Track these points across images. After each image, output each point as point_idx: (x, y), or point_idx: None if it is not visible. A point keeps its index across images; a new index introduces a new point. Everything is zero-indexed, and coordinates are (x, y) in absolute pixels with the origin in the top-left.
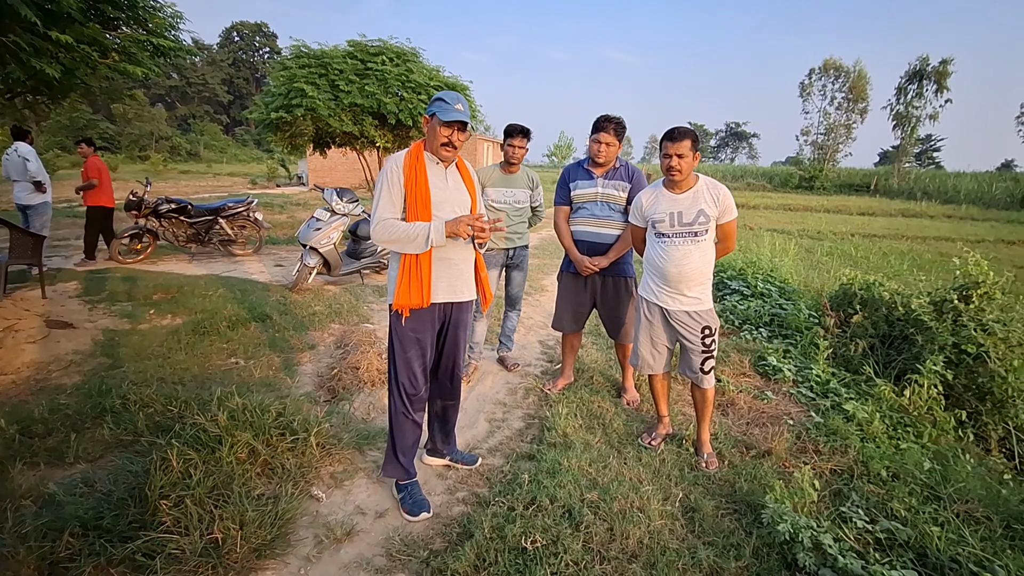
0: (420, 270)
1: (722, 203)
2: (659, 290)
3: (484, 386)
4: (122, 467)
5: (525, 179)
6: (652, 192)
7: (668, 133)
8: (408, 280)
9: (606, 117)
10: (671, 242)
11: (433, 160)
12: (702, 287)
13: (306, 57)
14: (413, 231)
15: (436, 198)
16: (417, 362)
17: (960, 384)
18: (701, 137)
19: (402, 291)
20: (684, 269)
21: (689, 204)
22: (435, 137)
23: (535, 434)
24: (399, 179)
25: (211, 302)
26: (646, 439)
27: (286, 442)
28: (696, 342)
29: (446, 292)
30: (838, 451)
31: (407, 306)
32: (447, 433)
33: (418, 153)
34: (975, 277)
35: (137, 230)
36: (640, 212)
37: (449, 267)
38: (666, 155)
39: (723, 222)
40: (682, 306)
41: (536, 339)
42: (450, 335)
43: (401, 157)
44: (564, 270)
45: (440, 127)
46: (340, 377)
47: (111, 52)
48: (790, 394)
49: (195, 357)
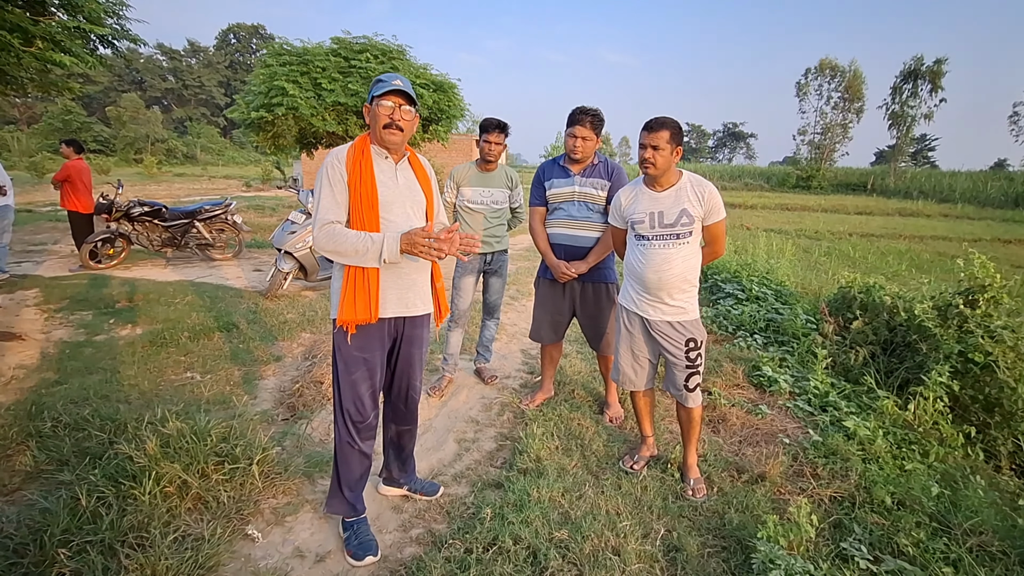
0: (367, 281)
1: (708, 202)
2: (639, 298)
3: (457, 401)
4: (33, 504)
5: (503, 178)
6: (631, 190)
7: (647, 123)
8: (353, 292)
9: (581, 109)
10: (651, 245)
11: (381, 154)
12: (686, 295)
13: (288, 55)
14: (363, 244)
15: (384, 198)
16: (364, 385)
17: (967, 395)
18: (699, 138)
19: (347, 304)
20: (665, 275)
21: (671, 203)
22: (376, 121)
23: (506, 457)
24: (342, 176)
25: (176, 310)
26: (628, 462)
27: (223, 472)
28: (680, 356)
29: (396, 306)
30: (838, 475)
31: (352, 322)
32: (403, 460)
33: (363, 146)
34: (981, 280)
35: (109, 234)
36: (619, 212)
37: (400, 277)
38: (641, 146)
39: (709, 223)
40: (664, 316)
41: (518, 348)
42: (403, 353)
43: (344, 150)
44: (541, 276)
45: (378, 106)
46: (302, 392)
47: (36, 40)
48: (786, 408)
49: (147, 371)
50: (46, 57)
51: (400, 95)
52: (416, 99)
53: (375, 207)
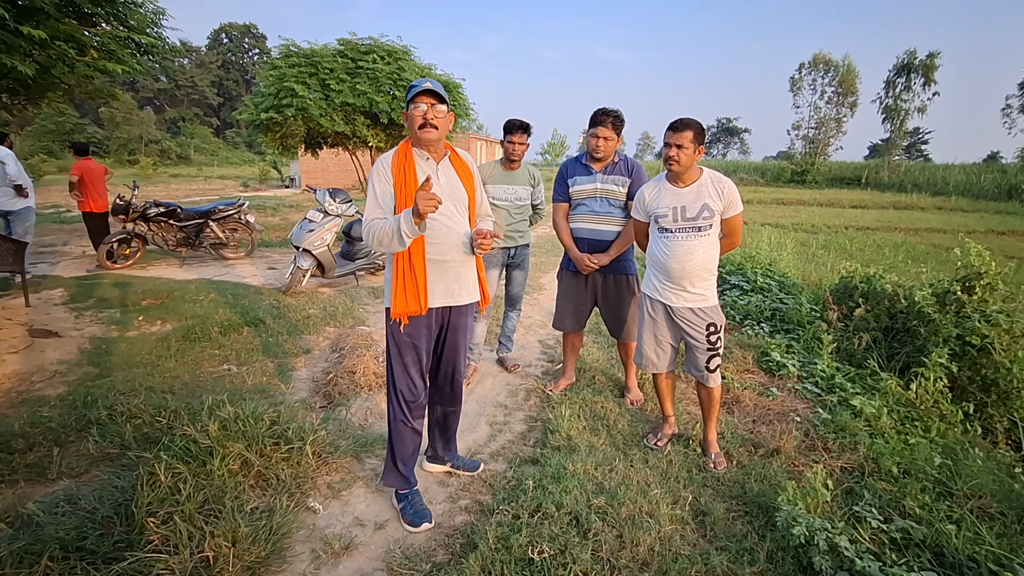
0: (415, 274)
1: (727, 197)
2: (662, 287)
3: (484, 388)
4: (108, 482)
5: (526, 176)
6: (655, 186)
7: (672, 123)
8: (404, 286)
9: (603, 110)
10: (674, 237)
11: (423, 156)
12: (706, 283)
13: (296, 56)
14: (388, 228)
15: None
16: (414, 368)
17: (965, 376)
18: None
19: (398, 298)
20: (687, 265)
21: (693, 198)
22: (412, 123)
23: (538, 437)
24: (387, 179)
25: (202, 307)
26: (652, 440)
27: (280, 452)
28: (701, 340)
29: (443, 296)
30: (847, 448)
31: (404, 313)
32: (448, 439)
33: (406, 150)
34: (977, 268)
35: (125, 235)
36: (643, 206)
37: (445, 270)
38: (666, 145)
39: (728, 216)
40: (686, 303)
41: (536, 339)
42: (449, 340)
43: (389, 155)
44: (564, 268)
45: (413, 109)
46: (336, 382)
47: (89, 49)
48: (795, 390)
49: (185, 364)
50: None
51: (430, 95)
52: (447, 97)
53: None
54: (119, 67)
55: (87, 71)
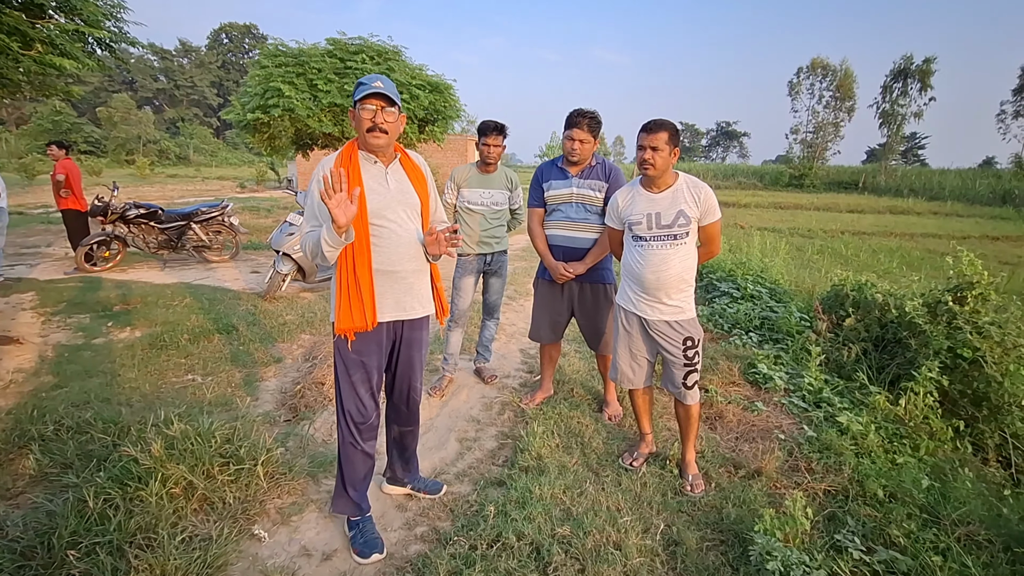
0: (359, 286)
1: (703, 203)
2: (637, 298)
3: (458, 401)
4: (39, 506)
5: (503, 179)
6: (628, 191)
7: (645, 124)
8: (348, 299)
9: (579, 112)
10: (648, 246)
11: (370, 159)
12: (683, 294)
13: (283, 56)
14: (314, 238)
15: (374, 204)
16: (363, 387)
17: (955, 390)
18: (693, 137)
19: (343, 313)
20: (663, 275)
21: (668, 204)
22: (360, 125)
23: (508, 455)
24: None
25: (174, 313)
26: (627, 459)
27: (229, 473)
28: (677, 355)
29: (394, 309)
30: (832, 469)
31: (350, 329)
32: (407, 460)
33: (351, 152)
34: (969, 277)
35: (104, 236)
36: (616, 213)
37: (395, 281)
38: (640, 147)
39: (705, 224)
40: (662, 315)
41: (517, 347)
42: (402, 356)
43: (332, 158)
44: (540, 277)
45: (361, 110)
46: (303, 394)
47: (36, 43)
48: (781, 404)
49: (148, 374)
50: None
51: (381, 98)
52: (398, 99)
53: (363, 215)
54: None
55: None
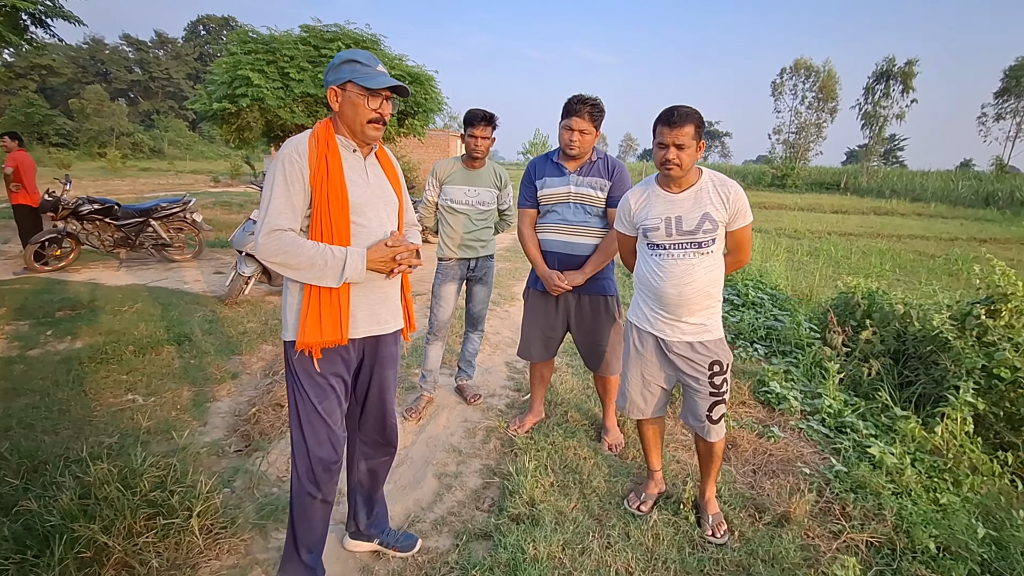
0: (335, 296)
1: (733, 204)
2: (653, 315)
3: (436, 426)
4: None
5: (491, 176)
6: (642, 191)
7: (666, 115)
8: (318, 309)
9: (579, 98)
10: (668, 255)
11: (349, 147)
12: (709, 311)
13: (253, 42)
14: (320, 258)
15: (356, 199)
16: (334, 417)
17: (991, 413)
18: None
19: (310, 325)
20: (686, 290)
21: (690, 206)
22: (357, 112)
23: (494, 497)
24: (302, 173)
25: (123, 320)
26: (634, 502)
27: (156, 529)
28: (703, 382)
29: (368, 323)
30: (871, 514)
31: (318, 344)
32: (372, 505)
33: (327, 137)
34: (1003, 288)
35: (55, 234)
36: (628, 217)
37: (371, 290)
38: (661, 144)
39: (734, 229)
40: (683, 336)
41: (503, 360)
42: (376, 377)
43: (303, 142)
44: (530, 287)
45: (367, 98)
46: (258, 418)
47: None
48: (799, 429)
49: (82, 394)
50: None
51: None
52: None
53: (345, 210)
54: None
55: None
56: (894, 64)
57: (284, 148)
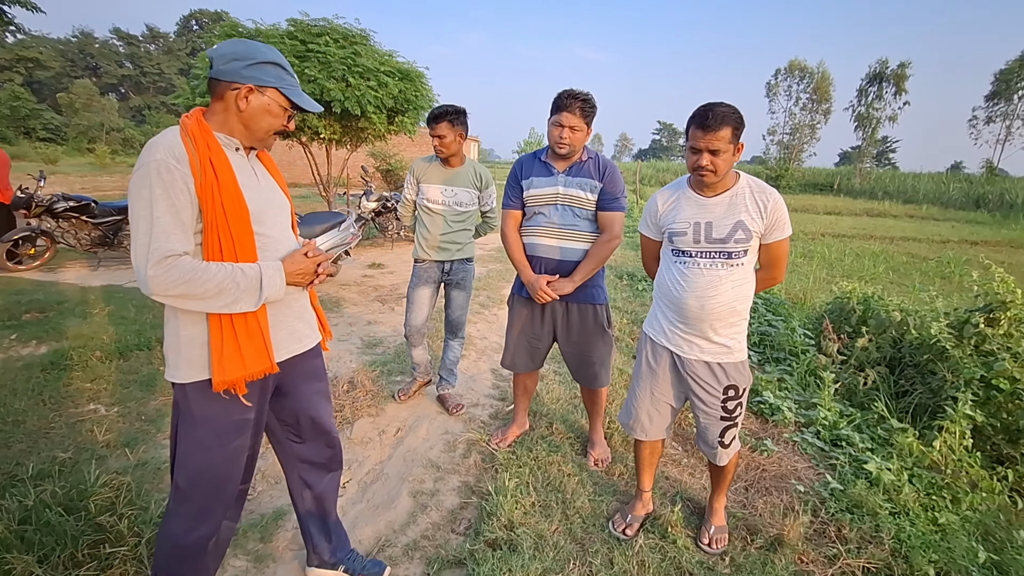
0: (253, 318)
1: (771, 214)
2: (672, 329)
3: (416, 438)
4: None
5: (471, 176)
6: (672, 193)
7: (699, 117)
8: (235, 338)
9: (570, 92)
10: (694, 264)
11: (231, 145)
12: (734, 329)
13: (238, 36)
14: (232, 281)
15: (254, 207)
16: (247, 453)
17: (988, 425)
18: (670, 136)
19: (228, 359)
20: (710, 303)
21: (723, 212)
22: (271, 122)
23: (471, 519)
24: (185, 182)
25: (91, 324)
26: (619, 524)
27: (100, 559)
28: (714, 406)
29: (289, 342)
30: (868, 537)
31: (243, 379)
32: (330, 528)
33: (205, 134)
34: (1002, 296)
35: (29, 231)
36: (654, 218)
37: (287, 305)
38: (694, 149)
39: (770, 241)
40: (702, 354)
41: (488, 367)
42: (304, 393)
43: (176, 142)
44: (515, 293)
45: (285, 107)
46: None
47: None
48: (793, 442)
49: (41, 404)
50: None
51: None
52: None
53: (247, 220)
54: None
55: None
56: (887, 66)
57: (152, 153)
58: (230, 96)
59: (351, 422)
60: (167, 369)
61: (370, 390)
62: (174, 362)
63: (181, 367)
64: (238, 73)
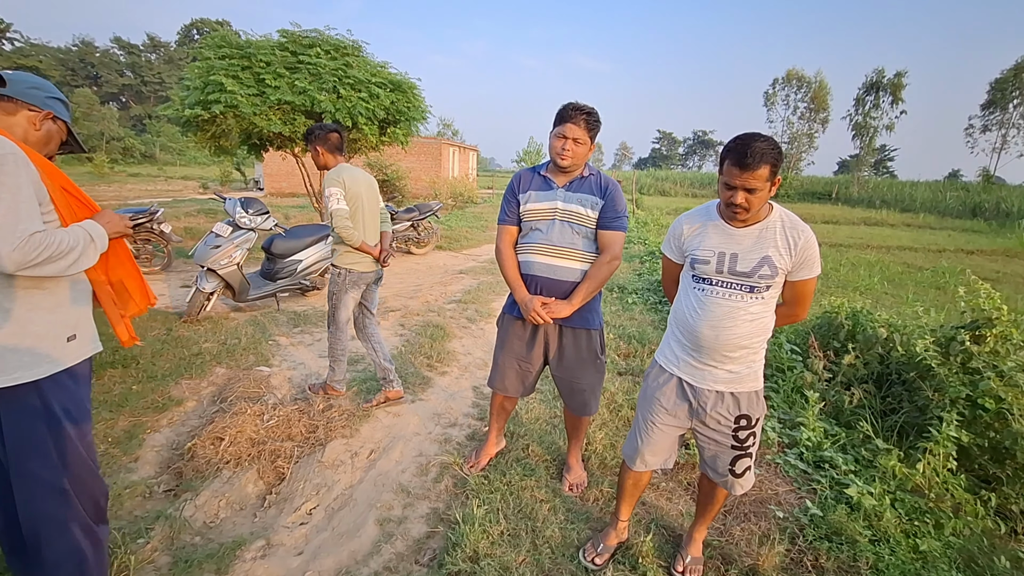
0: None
1: (800, 252)
2: (682, 357)
3: (389, 460)
4: None
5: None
6: (700, 217)
7: (737, 153)
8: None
9: (575, 105)
10: (713, 292)
11: None
12: (748, 360)
13: (228, 47)
14: (74, 236)
15: None
16: None
17: (974, 445)
18: (670, 145)
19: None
20: (724, 334)
21: (751, 245)
22: (51, 145)
23: (437, 548)
24: (28, 168)
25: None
26: (590, 554)
27: None
28: (723, 435)
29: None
30: (845, 566)
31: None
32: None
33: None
34: (988, 312)
35: None
36: (678, 242)
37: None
38: (728, 186)
39: (797, 279)
40: (714, 383)
41: (470, 384)
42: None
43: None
44: (507, 312)
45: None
46: (194, 453)
47: None
48: (776, 464)
49: None
50: None
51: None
52: None
53: (91, 203)
54: None
55: None
56: (884, 76)
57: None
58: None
59: (323, 444)
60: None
61: (346, 409)
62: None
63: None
64: (38, 100)
